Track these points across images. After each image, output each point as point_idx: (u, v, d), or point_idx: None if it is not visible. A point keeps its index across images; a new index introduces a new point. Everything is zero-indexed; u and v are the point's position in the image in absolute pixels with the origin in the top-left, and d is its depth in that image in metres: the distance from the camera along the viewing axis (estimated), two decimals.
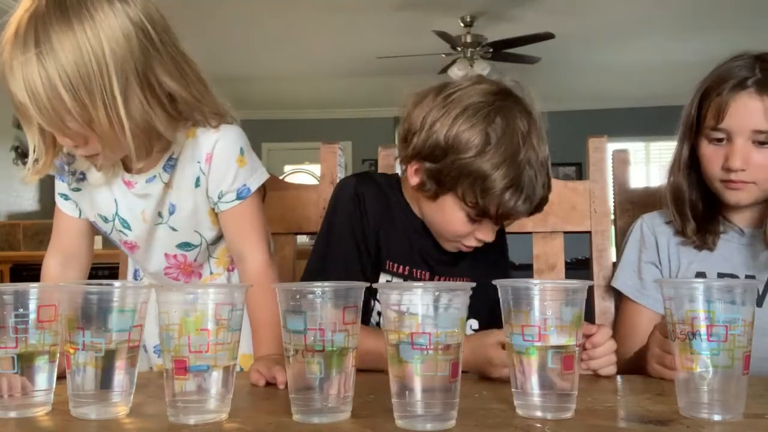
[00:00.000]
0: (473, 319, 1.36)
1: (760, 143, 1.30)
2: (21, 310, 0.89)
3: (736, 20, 5.89)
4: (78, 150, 1.15)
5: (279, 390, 1.06)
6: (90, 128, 1.09)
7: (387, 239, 1.35)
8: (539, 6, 5.78)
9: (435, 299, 0.83)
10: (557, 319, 0.87)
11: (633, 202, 1.59)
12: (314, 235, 1.45)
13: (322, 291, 0.86)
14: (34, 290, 0.90)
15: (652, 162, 8.57)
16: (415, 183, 1.29)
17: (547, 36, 5.74)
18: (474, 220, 1.27)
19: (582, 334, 1.13)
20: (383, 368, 0.88)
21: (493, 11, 5.94)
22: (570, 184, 1.61)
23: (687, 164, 1.41)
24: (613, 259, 1.57)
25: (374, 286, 0.90)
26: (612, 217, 1.61)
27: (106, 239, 1.38)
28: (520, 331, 0.88)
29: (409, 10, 5.84)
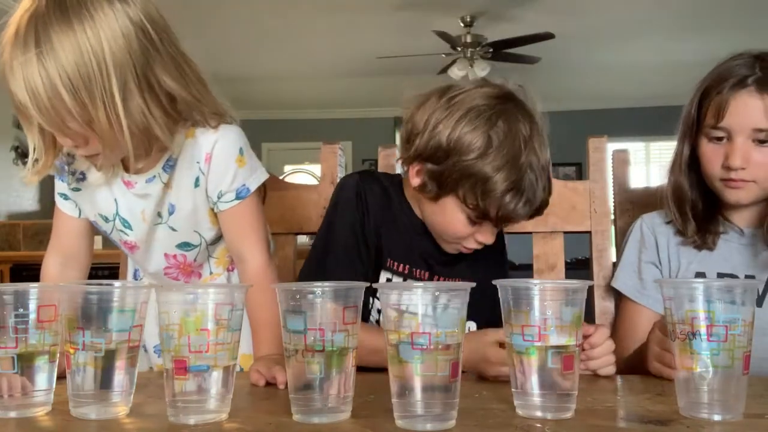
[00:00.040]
0: (471, 321, 1.35)
1: (760, 142, 1.30)
2: (21, 310, 0.89)
3: (736, 20, 5.89)
4: (78, 150, 1.15)
5: (279, 390, 1.06)
6: (90, 128, 1.09)
7: (388, 238, 1.36)
8: (539, 6, 5.78)
9: (435, 299, 0.84)
10: (557, 319, 0.87)
11: (633, 202, 1.59)
12: (314, 235, 1.45)
13: (322, 291, 0.86)
14: (34, 290, 0.90)
15: (652, 162, 8.57)
16: (416, 184, 1.29)
17: (547, 36, 5.74)
18: (474, 222, 1.27)
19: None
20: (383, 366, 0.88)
21: (493, 11, 5.94)
22: (570, 184, 1.61)
23: (687, 163, 1.41)
24: (613, 259, 1.57)
25: (374, 285, 0.90)
26: (612, 217, 1.61)
27: (106, 239, 1.38)
28: (520, 331, 0.88)
29: (409, 10, 5.84)
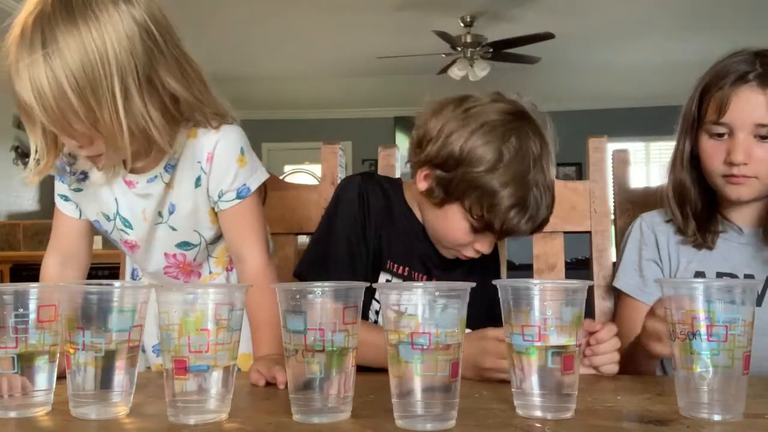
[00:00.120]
0: (466, 328, 1.35)
1: (762, 137, 1.30)
2: (21, 310, 0.89)
3: (736, 20, 5.89)
4: (82, 150, 1.15)
5: (279, 390, 1.06)
6: (95, 129, 1.09)
7: (388, 239, 1.36)
8: (539, 6, 5.79)
9: (435, 299, 0.84)
10: (557, 319, 0.87)
11: (633, 202, 1.59)
12: (313, 233, 1.45)
13: (322, 291, 0.86)
14: (34, 290, 0.90)
15: (652, 162, 8.55)
16: (423, 188, 1.31)
17: (547, 36, 5.74)
18: (476, 231, 1.29)
19: (587, 331, 1.14)
20: (383, 363, 0.88)
21: (493, 11, 5.95)
22: (570, 184, 1.61)
23: (689, 160, 1.41)
24: (613, 259, 1.57)
25: (374, 285, 0.90)
26: (612, 217, 1.61)
27: (106, 239, 1.38)
28: (520, 331, 0.88)
29: (409, 10, 5.84)
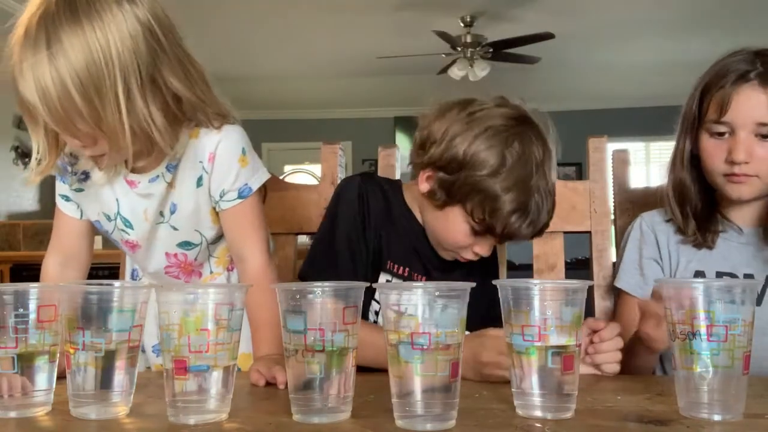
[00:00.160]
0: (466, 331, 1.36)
1: (763, 136, 1.30)
2: (21, 310, 0.89)
3: (736, 20, 5.89)
4: (86, 150, 1.15)
5: (279, 390, 1.06)
6: (98, 128, 1.09)
7: (388, 240, 1.37)
8: (539, 6, 5.79)
9: (434, 299, 0.84)
10: (557, 319, 0.87)
11: (633, 202, 1.59)
12: (314, 235, 1.45)
13: (322, 291, 0.86)
14: (34, 290, 0.90)
15: (652, 162, 8.55)
16: (425, 190, 1.31)
17: (547, 36, 5.74)
18: (476, 234, 1.29)
19: (590, 329, 1.15)
20: (383, 363, 0.88)
21: (493, 11, 5.94)
22: (570, 184, 1.61)
23: (689, 160, 1.40)
24: (613, 259, 1.57)
25: (374, 286, 0.90)
26: (612, 217, 1.61)
27: (106, 239, 1.38)
28: (520, 331, 0.88)
29: (409, 10, 5.84)
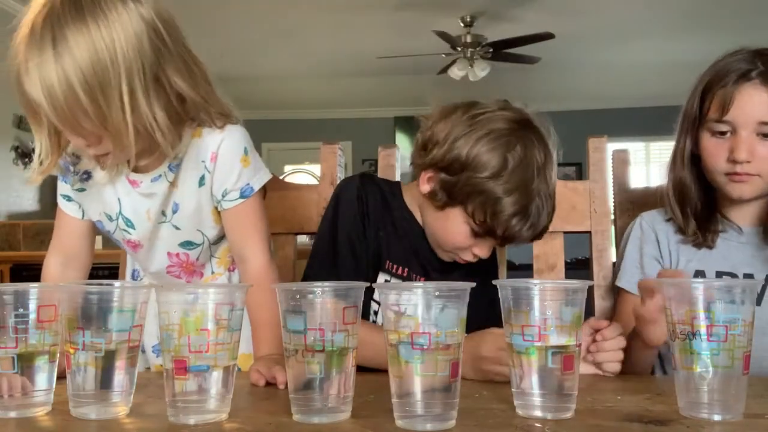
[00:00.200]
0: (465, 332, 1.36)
1: (764, 135, 1.30)
2: (21, 310, 0.89)
3: (736, 20, 5.89)
4: (89, 149, 1.15)
5: (279, 390, 1.06)
6: (103, 127, 1.09)
7: (387, 240, 1.37)
8: (539, 6, 5.79)
9: (434, 299, 0.84)
10: (557, 319, 0.87)
11: (633, 202, 1.59)
12: (314, 235, 1.45)
13: (322, 291, 0.86)
14: (34, 290, 0.90)
15: (652, 162, 8.55)
16: (426, 191, 1.31)
17: (547, 36, 5.74)
18: (476, 236, 1.29)
19: (592, 328, 1.15)
20: (383, 363, 0.88)
21: (493, 11, 5.95)
22: (570, 184, 1.61)
23: (689, 159, 1.40)
24: (613, 259, 1.57)
25: (374, 285, 0.90)
26: (612, 217, 1.61)
27: (107, 239, 1.38)
28: (520, 331, 0.88)
29: (409, 10, 5.84)
